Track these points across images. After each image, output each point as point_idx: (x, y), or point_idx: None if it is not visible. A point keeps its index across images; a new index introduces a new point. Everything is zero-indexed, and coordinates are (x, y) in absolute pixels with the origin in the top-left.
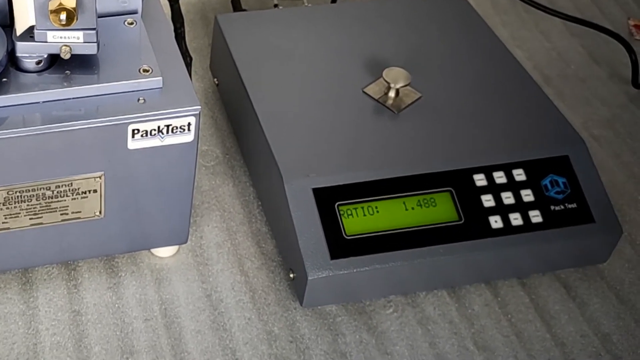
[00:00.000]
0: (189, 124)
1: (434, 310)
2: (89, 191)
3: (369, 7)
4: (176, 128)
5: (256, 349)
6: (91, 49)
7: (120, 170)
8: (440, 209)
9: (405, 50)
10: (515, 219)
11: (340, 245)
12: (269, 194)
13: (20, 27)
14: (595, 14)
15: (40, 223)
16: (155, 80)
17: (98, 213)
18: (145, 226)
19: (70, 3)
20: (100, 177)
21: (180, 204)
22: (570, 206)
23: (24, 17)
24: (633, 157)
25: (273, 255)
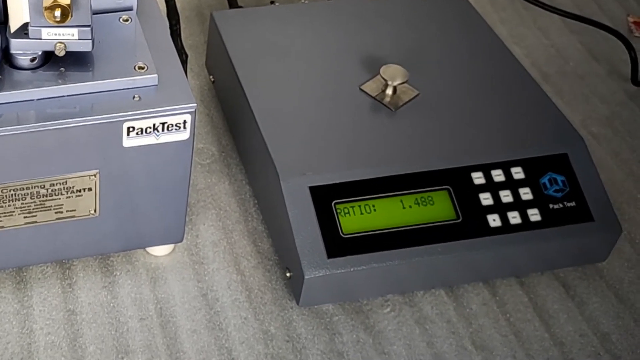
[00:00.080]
0: (185, 122)
1: (432, 309)
2: (84, 189)
3: (366, 4)
4: (172, 126)
5: (252, 348)
6: (86, 46)
7: (115, 168)
8: (438, 207)
9: (402, 48)
10: (514, 218)
11: (337, 244)
12: (266, 192)
13: (14, 24)
14: (594, 11)
15: (35, 221)
16: (150, 78)
17: (93, 211)
18: (141, 225)
19: (64, 0)
20: (95, 175)
21: (176, 202)
22: (569, 204)
23: (18, 14)
24: (632, 155)
25: (269, 254)
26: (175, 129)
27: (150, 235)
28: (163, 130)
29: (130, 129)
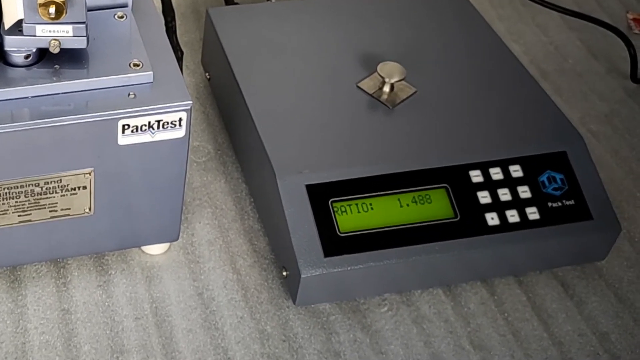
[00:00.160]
0: (180, 120)
1: (429, 308)
2: (79, 187)
3: (364, 1)
4: (167, 123)
5: (248, 348)
6: (81, 43)
7: (110, 167)
8: (435, 205)
9: (400, 45)
10: (512, 216)
11: (334, 243)
12: (262, 190)
13: (8, 21)
14: (594, 8)
15: (29, 220)
16: (145, 75)
17: (87, 210)
18: (136, 223)
19: None
20: (89, 174)
21: (171, 201)
22: (567, 203)
23: (13, 11)
24: (632, 153)
25: (265, 253)
26: (171, 127)
27: (146, 234)
28: (158, 128)
29: (126, 127)
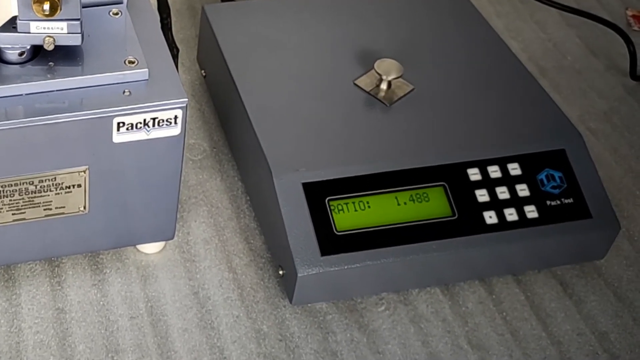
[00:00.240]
0: (176, 117)
1: (427, 308)
2: (73, 186)
3: None
4: (162, 121)
5: (244, 347)
6: (75, 40)
7: (105, 165)
8: (433, 204)
9: (397, 42)
10: (510, 215)
11: (330, 241)
12: (258, 188)
13: (2, 18)
14: (593, 4)
15: (23, 219)
16: (141, 72)
17: (82, 208)
18: (131, 222)
19: None
20: (84, 172)
21: (167, 199)
22: (566, 201)
23: (6, 7)
24: (631, 151)
25: (262, 252)
26: (166, 125)
27: (141, 233)
28: (154, 125)
29: (121, 125)
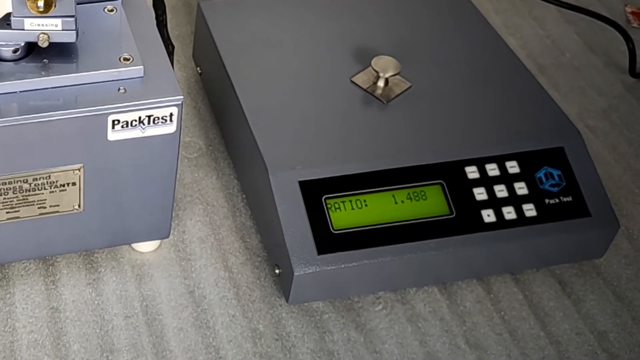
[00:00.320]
0: (171, 115)
1: (425, 307)
2: (68, 184)
3: None
4: (158, 119)
5: (240, 347)
6: (70, 37)
7: (99, 163)
8: (430, 202)
9: (394, 38)
10: (509, 213)
11: (327, 240)
12: (254, 186)
13: None
14: (591, 1)
15: (17, 217)
16: (136, 70)
17: (77, 207)
18: (126, 220)
19: None
20: (79, 170)
21: (162, 197)
22: (565, 199)
23: (0, 4)
24: (630, 149)
25: (258, 251)
26: (162, 122)
27: (136, 231)
28: (149, 123)
29: (116, 122)
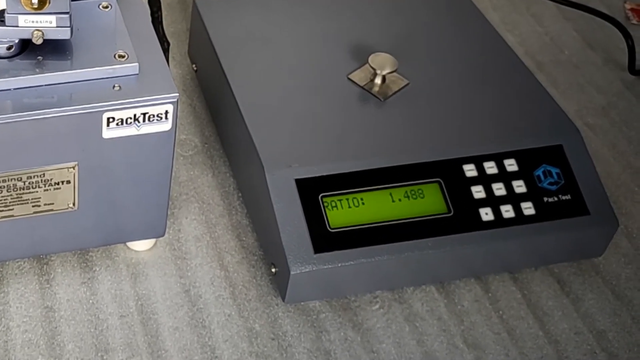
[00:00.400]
0: (167, 112)
1: (422, 306)
2: (62, 182)
3: None
4: (153, 116)
5: (236, 346)
6: (64, 34)
7: (94, 160)
8: (428, 200)
9: (392, 35)
10: (507, 211)
11: (324, 239)
12: (250, 185)
13: None
14: None
15: (11, 215)
16: (131, 67)
17: (71, 205)
18: (121, 219)
19: None
20: (73, 168)
21: (157, 196)
22: (564, 198)
23: None
24: (629, 147)
25: (254, 249)
26: (157, 120)
27: (131, 230)
28: (144, 120)
29: (110, 120)
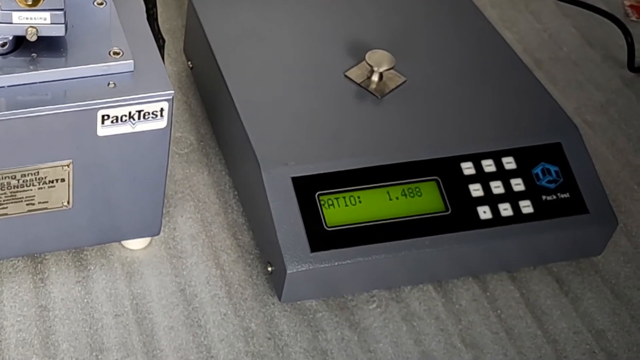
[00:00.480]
0: (162, 110)
1: (420, 305)
2: (57, 180)
3: None
4: (148, 114)
5: (232, 346)
6: (59, 31)
7: (89, 158)
8: (425, 198)
9: (389, 32)
10: (505, 210)
11: (320, 237)
12: (246, 183)
13: None
14: None
15: (5, 214)
16: (126, 64)
17: (66, 203)
18: (116, 217)
19: None
20: (68, 166)
21: (153, 194)
22: (562, 196)
23: None
24: (629, 144)
25: (250, 248)
26: (152, 117)
27: (126, 228)
28: (139, 118)
29: (105, 117)
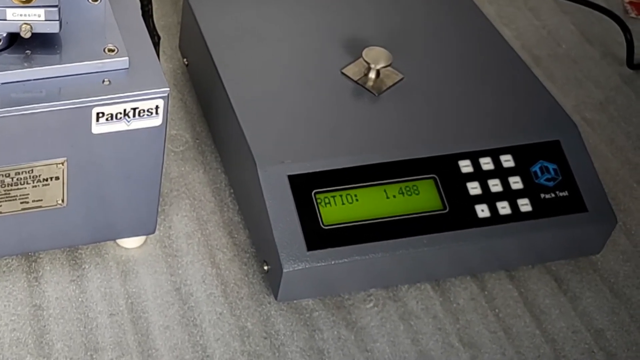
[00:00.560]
0: (157, 107)
1: (417, 304)
2: (51, 178)
3: None
4: (143, 111)
5: (228, 345)
6: (53, 28)
7: (84, 156)
8: (423, 197)
9: (386, 29)
10: (503, 208)
11: (317, 236)
12: (242, 181)
13: None
14: None
15: None
16: (121, 61)
17: (60, 201)
18: (111, 215)
19: None
20: (62, 164)
21: (148, 192)
22: (561, 194)
23: None
24: (628, 142)
25: (246, 247)
26: (147, 115)
27: (121, 227)
28: (134, 116)
29: (100, 115)
